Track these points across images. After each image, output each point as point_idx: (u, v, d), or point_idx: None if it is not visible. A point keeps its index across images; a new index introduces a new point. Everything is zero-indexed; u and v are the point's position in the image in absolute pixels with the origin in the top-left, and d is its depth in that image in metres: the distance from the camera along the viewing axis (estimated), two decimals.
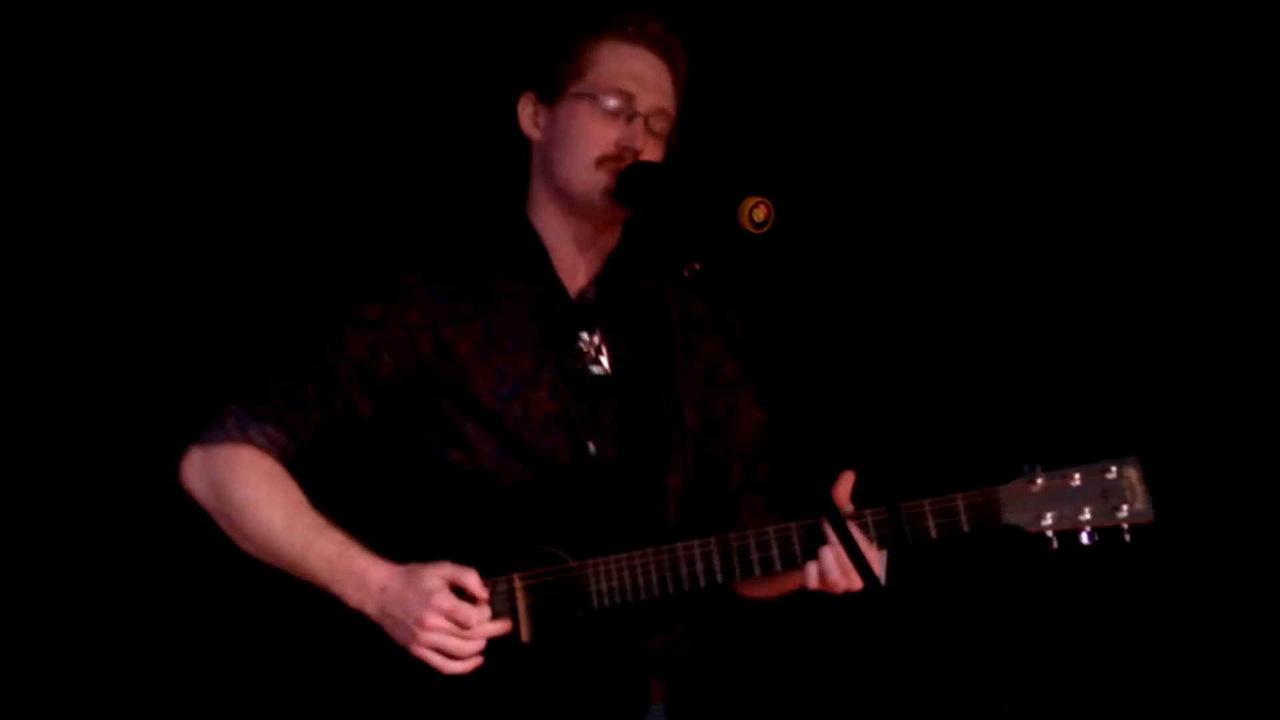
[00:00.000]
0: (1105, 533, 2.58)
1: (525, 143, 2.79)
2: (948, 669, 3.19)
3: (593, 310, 2.76)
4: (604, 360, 2.72)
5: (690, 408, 2.76)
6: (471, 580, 2.53)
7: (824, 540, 2.50)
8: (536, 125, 2.75)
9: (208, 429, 2.65)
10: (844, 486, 2.54)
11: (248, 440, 2.63)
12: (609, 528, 2.61)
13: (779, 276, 3.61)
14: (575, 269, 2.77)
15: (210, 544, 2.67)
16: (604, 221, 2.74)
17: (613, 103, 2.67)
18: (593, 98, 2.67)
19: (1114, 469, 2.58)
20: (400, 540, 2.59)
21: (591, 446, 2.69)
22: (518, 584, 2.58)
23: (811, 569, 2.53)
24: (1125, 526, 2.57)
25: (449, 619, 2.50)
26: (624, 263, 2.80)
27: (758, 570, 2.57)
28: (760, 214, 2.47)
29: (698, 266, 2.48)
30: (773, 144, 3.81)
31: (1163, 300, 3.80)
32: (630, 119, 2.67)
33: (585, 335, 2.72)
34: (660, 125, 2.71)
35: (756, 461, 2.83)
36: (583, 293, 2.77)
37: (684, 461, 2.73)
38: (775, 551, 2.56)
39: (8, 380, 3.49)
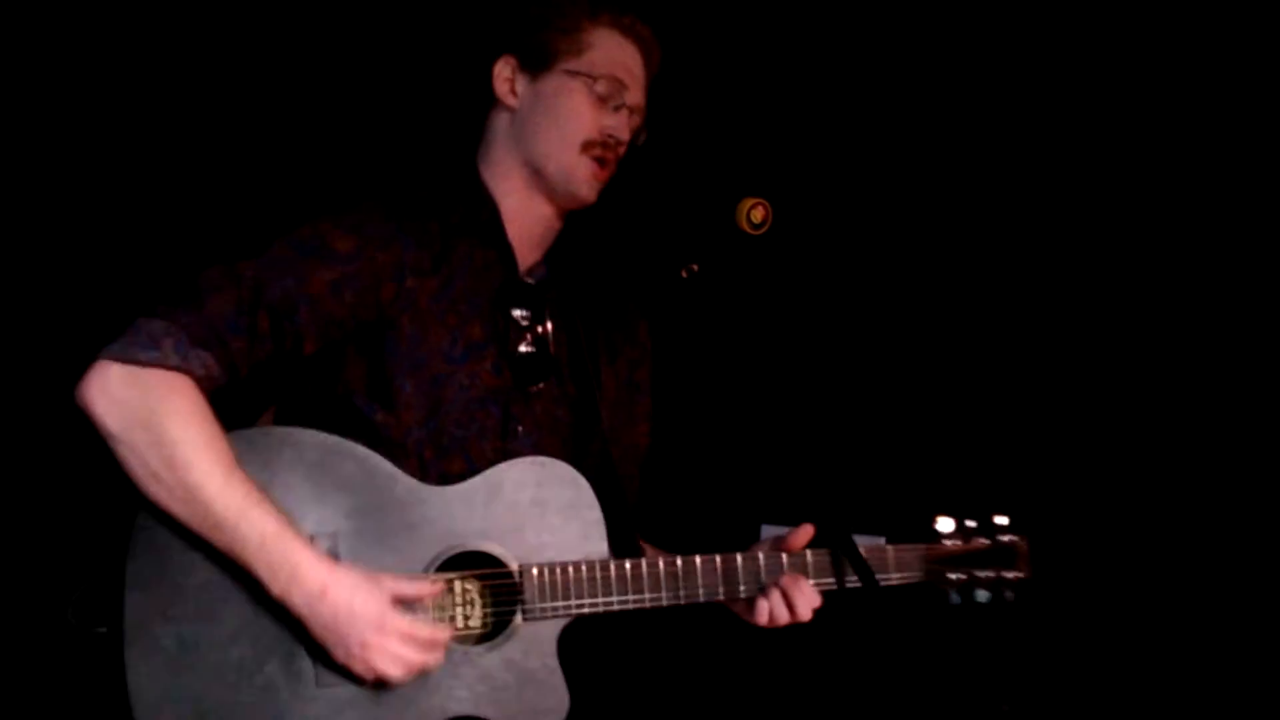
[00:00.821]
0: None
1: (488, 102, 2.65)
2: (949, 670, 3.14)
3: (540, 290, 2.65)
4: (548, 342, 2.62)
5: (606, 407, 2.67)
6: (424, 589, 2.35)
7: (773, 575, 2.54)
8: (514, 91, 2.64)
9: (130, 343, 2.28)
10: (802, 537, 2.58)
11: (185, 367, 2.28)
12: (540, 533, 2.46)
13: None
14: (526, 243, 2.65)
15: None
16: (567, 206, 2.64)
17: (606, 88, 2.60)
18: (589, 78, 2.59)
19: (1011, 538, 2.77)
20: (307, 505, 2.35)
21: (520, 430, 2.55)
22: (458, 587, 2.42)
23: (761, 605, 2.53)
24: (1011, 591, 2.77)
25: (403, 643, 2.30)
26: (569, 248, 2.70)
27: (701, 599, 2.53)
28: (758, 215, 2.43)
29: (696, 268, 2.46)
30: (773, 146, 3.77)
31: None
32: (618, 109, 2.61)
33: (528, 314, 2.61)
34: (635, 122, 2.67)
35: (637, 472, 2.77)
36: (531, 270, 2.66)
37: (603, 461, 2.63)
38: (720, 586, 2.54)
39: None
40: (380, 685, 2.34)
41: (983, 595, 2.72)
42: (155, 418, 2.24)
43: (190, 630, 2.29)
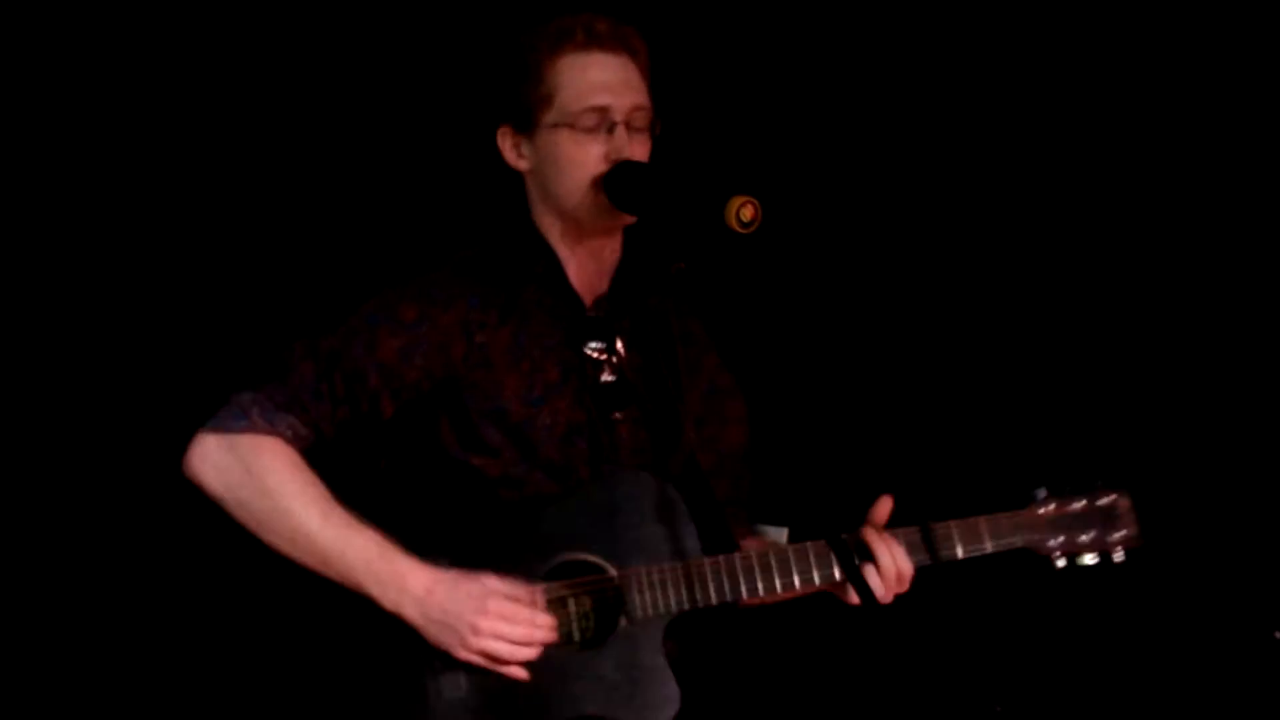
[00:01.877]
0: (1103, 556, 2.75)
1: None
2: (943, 671, 3.14)
3: (608, 321, 2.77)
4: (623, 371, 2.74)
5: (690, 422, 2.77)
6: (519, 590, 2.53)
7: (865, 558, 2.58)
8: (521, 156, 2.73)
9: (223, 416, 2.55)
10: (882, 509, 2.63)
11: (274, 430, 2.54)
12: (635, 538, 2.61)
13: (773, 287, 3.59)
14: (588, 281, 2.77)
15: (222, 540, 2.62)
16: (611, 232, 2.75)
17: (589, 122, 2.64)
18: (568, 126, 2.64)
19: (1110, 497, 2.74)
20: (422, 544, 2.55)
21: (609, 457, 2.69)
22: (567, 592, 2.58)
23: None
24: (1118, 550, 2.74)
25: (504, 621, 2.48)
26: (629, 277, 2.80)
27: (797, 585, 2.61)
28: (747, 214, 2.45)
29: (683, 265, 2.54)
30: (761, 143, 3.84)
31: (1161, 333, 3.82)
32: (611, 129, 2.64)
33: (602, 346, 2.74)
34: (641, 120, 2.68)
35: (741, 475, 2.86)
36: (597, 304, 2.78)
37: (690, 474, 2.73)
38: (814, 569, 2.61)
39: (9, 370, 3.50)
40: (502, 689, 2.50)
41: (1089, 558, 2.70)
42: (251, 475, 2.51)
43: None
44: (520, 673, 2.51)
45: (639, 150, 2.67)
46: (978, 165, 3.89)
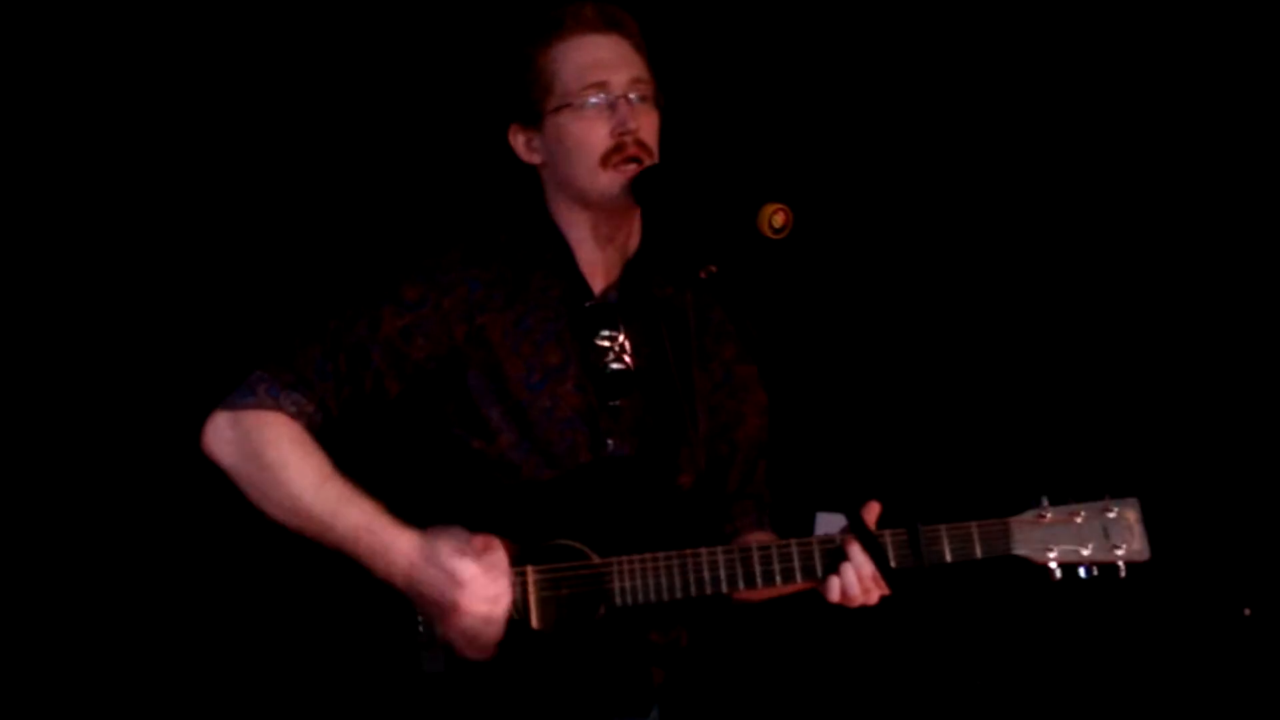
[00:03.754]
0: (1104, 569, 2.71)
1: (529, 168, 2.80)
2: (935, 673, 3.17)
3: (615, 310, 2.79)
4: (626, 358, 2.76)
5: (702, 411, 2.79)
6: (488, 542, 2.54)
7: (844, 557, 2.58)
8: (534, 151, 2.76)
9: (233, 394, 2.62)
10: (870, 514, 2.61)
11: (278, 407, 2.60)
12: (627, 526, 2.62)
13: (802, 292, 3.67)
14: (598, 269, 2.79)
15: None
16: (625, 217, 2.76)
17: (590, 99, 2.67)
18: (570, 106, 2.68)
19: (1115, 509, 2.71)
20: (420, 522, 2.56)
21: (610, 444, 2.71)
22: (531, 575, 2.59)
23: (834, 583, 2.59)
24: (1122, 564, 2.70)
25: (480, 593, 2.48)
26: (644, 266, 2.82)
27: (778, 580, 2.62)
28: (779, 220, 2.50)
29: (714, 269, 2.51)
30: (793, 149, 3.86)
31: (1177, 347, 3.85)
32: (613, 104, 2.67)
33: (608, 333, 2.76)
34: (643, 91, 2.70)
35: (755, 466, 2.87)
36: (606, 292, 2.79)
37: (694, 464, 2.75)
38: (796, 564, 2.61)
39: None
40: (479, 669, 2.51)
41: (1086, 571, 2.67)
42: (255, 449, 2.58)
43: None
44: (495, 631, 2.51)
45: (646, 122, 2.69)
46: (987, 173, 3.92)
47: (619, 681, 2.60)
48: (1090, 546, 2.68)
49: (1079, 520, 2.68)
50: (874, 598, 2.58)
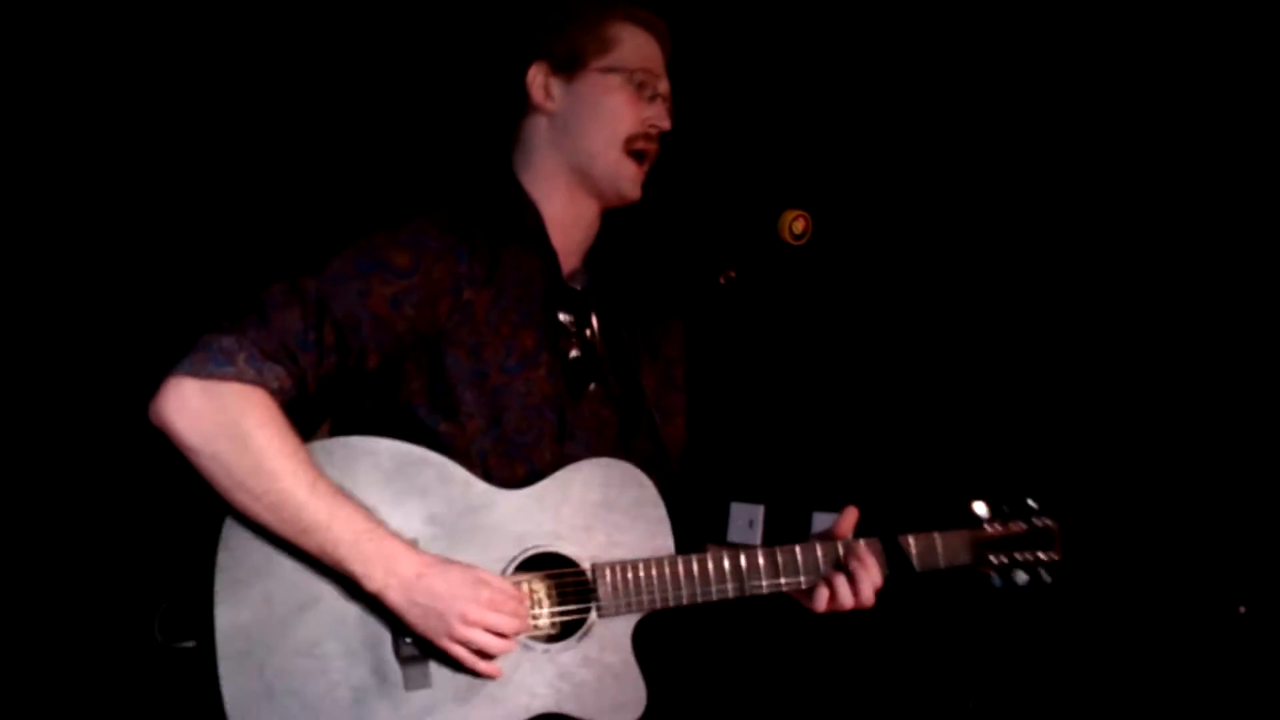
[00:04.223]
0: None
1: (520, 110, 2.70)
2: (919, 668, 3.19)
3: (584, 294, 2.72)
4: (595, 346, 2.69)
5: (652, 405, 2.74)
6: (507, 582, 2.44)
7: (846, 569, 2.62)
8: (550, 96, 2.66)
9: (202, 360, 2.33)
10: (848, 521, 2.67)
11: (260, 381, 2.35)
12: (608, 532, 2.55)
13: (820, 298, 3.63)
14: (568, 249, 2.70)
15: None
16: (611, 205, 2.70)
17: (640, 81, 2.64)
18: (625, 72, 2.63)
19: (1045, 520, 2.88)
20: (385, 517, 2.41)
21: (574, 433, 2.61)
22: (538, 585, 2.50)
23: (822, 592, 2.63)
24: (1048, 572, 2.87)
25: (493, 612, 2.38)
26: (605, 250, 2.76)
27: (764, 590, 2.61)
28: (800, 226, 2.53)
29: (733, 274, 2.54)
30: (814, 156, 3.85)
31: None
32: (653, 98, 2.66)
33: (575, 319, 2.68)
34: (670, 108, 2.70)
35: (678, 464, 2.84)
36: (573, 274, 2.71)
37: (655, 461, 2.69)
38: (782, 577, 2.62)
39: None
40: (467, 684, 2.41)
41: (1022, 578, 2.81)
42: (238, 429, 2.31)
43: (280, 640, 2.34)
44: (494, 668, 2.42)
45: (668, 126, 2.68)
46: (1018, 181, 3.93)
47: (618, 690, 2.52)
48: (1025, 555, 2.83)
49: (1018, 530, 2.83)
50: (867, 601, 2.62)
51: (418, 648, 2.41)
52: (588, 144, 2.63)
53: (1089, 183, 3.85)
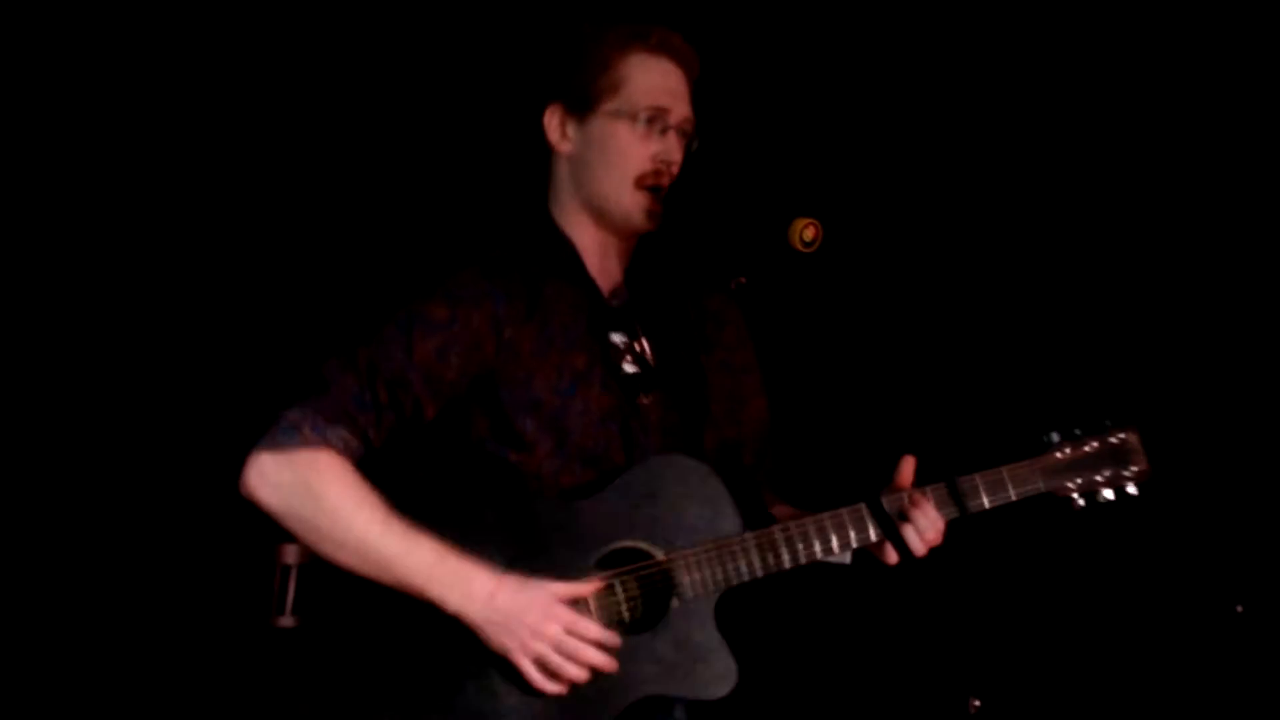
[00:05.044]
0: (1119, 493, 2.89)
1: (546, 150, 2.79)
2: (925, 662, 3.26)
3: (628, 311, 2.82)
4: (646, 357, 2.79)
5: (715, 399, 2.83)
6: (584, 589, 2.58)
7: (901, 518, 2.71)
8: (566, 137, 2.76)
9: (275, 434, 2.55)
10: (907, 469, 2.76)
11: (326, 443, 2.55)
12: (677, 521, 2.67)
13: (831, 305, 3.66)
14: (605, 272, 2.82)
15: None
16: (631, 236, 2.80)
17: (649, 119, 2.71)
18: (630, 116, 2.70)
19: (1121, 435, 2.87)
20: (468, 544, 2.56)
21: (641, 440, 2.73)
22: (617, 579, 2.63)
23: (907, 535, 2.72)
24: (1134, 486, 2.88)
25: (567, 631, 2.53)
26: (644, 264, 2.85)
27: (835, 549, 2.71)
28: (810, 234, 2.58)
29: (744, 280, 2.63)
30: (824, 165, 3.89)
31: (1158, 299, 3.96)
32: (664, 132, 2.73)
33: (623, 335, 2.79)
34: (688, 130, 2.77)
35: (765, 443, 2.94)
36: (614, 294, 2.82)
37: (717, 451, 2.80)
38: (851, 533, 2.71)
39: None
40: (568, 689, 2.55)
41: (1107, 494, 2.83)
42: (311, 489, 2.52)
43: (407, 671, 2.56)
44: (559, 689, 2.56)
45: (679, 158, 2.76)
46: (1024, 190, 3.95)
47: (709, 666, 2.66)
48: (1105, 473, 2.85)
49: (1091, 449, 2.84)
50: (925, 551, 2.72)
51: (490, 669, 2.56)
52: (599, 185, 2.73)
53: (1095, 188, 3.85)
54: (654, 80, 2.72)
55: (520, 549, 2.60)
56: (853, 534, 2.72)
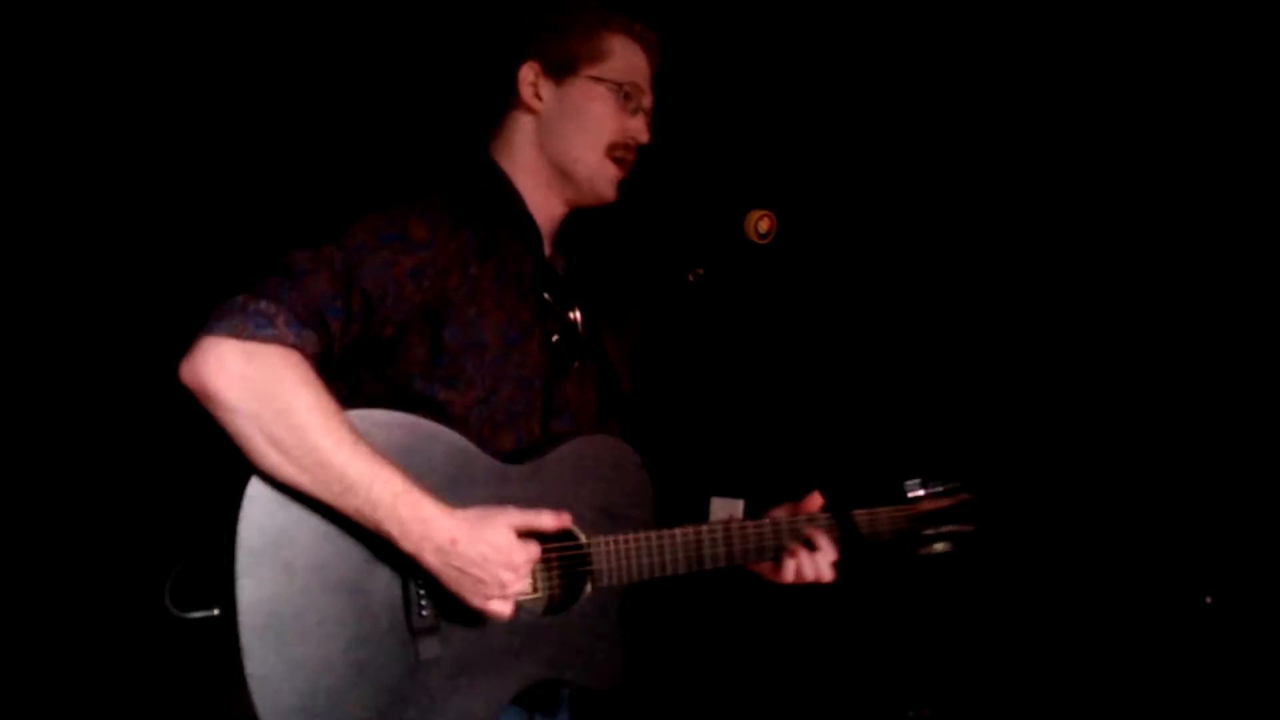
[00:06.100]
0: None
1: (505, 102, 2.82)
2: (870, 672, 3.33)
3: (568, 280, 2.88)
4: (576, 326, 2.85)
5: (625, 379, 2.92)
6: (545, 520, 2.54)
7: (810, 543, 2.85)
8: (538, 96, 2.78)
9: (239, 319, 2.34)
10: (814, 502, 2.90)
11: (299, 345, 2.37)
12: (602, 505, 2.71)
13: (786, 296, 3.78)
14: (547, 236, 2.85)
15: None
16: (586, 204, 2.85)
17: (627, 94, 2.78)
18: (613, 84, 2.76)
19: (966, 495, 3.14)
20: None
21: (559, 407, 2.74)
22: (551, 555, 2.63)
23: (788, 564, 2.87)
24: (959, 541, 3.12)
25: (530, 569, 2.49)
26: (573, 237, 2.91)
27: (750, 559, 2.85)
28: (764, 225, 2.69)
29: (701, 271, 2.71)
30: (780, 156, 4.00)
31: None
32: (636, 112, 2.80)
33: (557, 298, 2.82)
34: (649, 121, 2.84)
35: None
36: (553, 258, 2.87)
37: (624, 431, 2.86)
38: (769, 545, 2.85)
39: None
40: (475, 654, 2.51)
41: (941, 546, 3.06)
42: (280, 389, 2.32)
43: (301, 611, 2.37)
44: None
45: (645, 140, 2.83)
46: (982, 178, 4.06)
47: (608, 655, 2.70)
48: (949, 527, 3.09)
49: (946, 503, 3.09)
50: (826, 576, 2.86)
51: (435, 614, 2.48)
52: (570, 147, 2.77)
53: (1054, 178, 4.00)
54: (635, 62, 2.80)
55: (453, 501, 2.47)
56: (754, 549, 2.85)
